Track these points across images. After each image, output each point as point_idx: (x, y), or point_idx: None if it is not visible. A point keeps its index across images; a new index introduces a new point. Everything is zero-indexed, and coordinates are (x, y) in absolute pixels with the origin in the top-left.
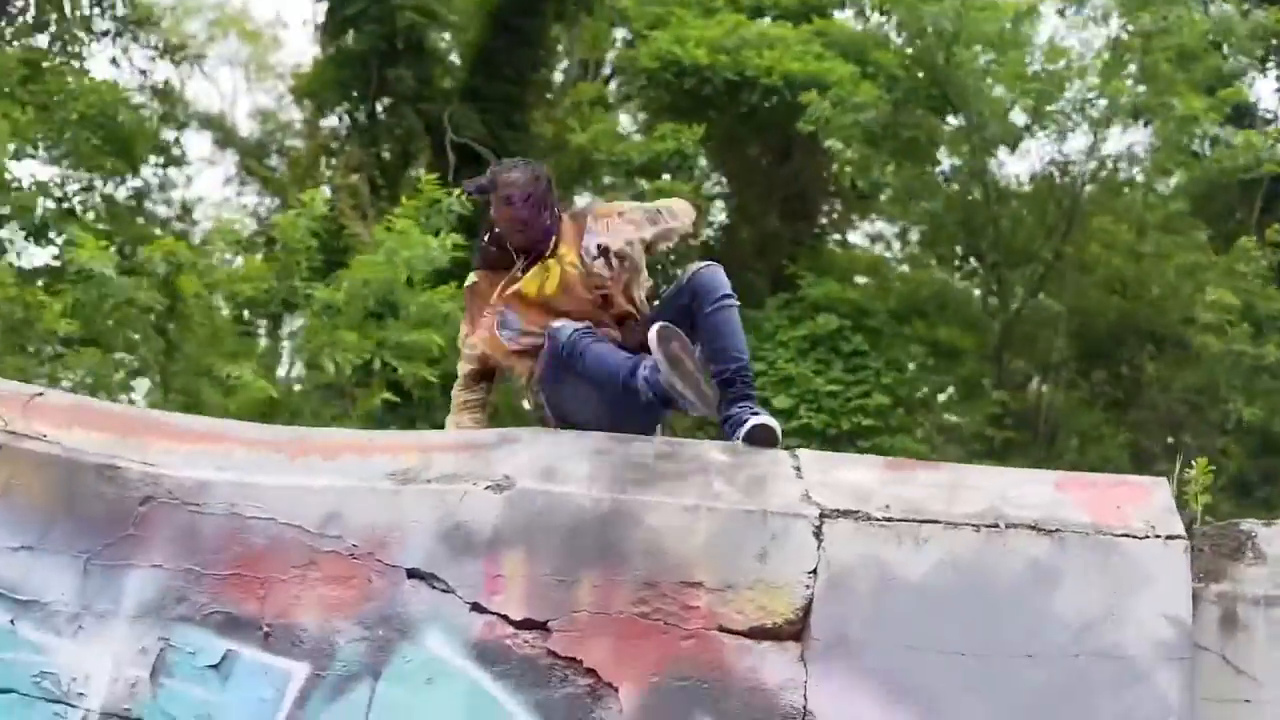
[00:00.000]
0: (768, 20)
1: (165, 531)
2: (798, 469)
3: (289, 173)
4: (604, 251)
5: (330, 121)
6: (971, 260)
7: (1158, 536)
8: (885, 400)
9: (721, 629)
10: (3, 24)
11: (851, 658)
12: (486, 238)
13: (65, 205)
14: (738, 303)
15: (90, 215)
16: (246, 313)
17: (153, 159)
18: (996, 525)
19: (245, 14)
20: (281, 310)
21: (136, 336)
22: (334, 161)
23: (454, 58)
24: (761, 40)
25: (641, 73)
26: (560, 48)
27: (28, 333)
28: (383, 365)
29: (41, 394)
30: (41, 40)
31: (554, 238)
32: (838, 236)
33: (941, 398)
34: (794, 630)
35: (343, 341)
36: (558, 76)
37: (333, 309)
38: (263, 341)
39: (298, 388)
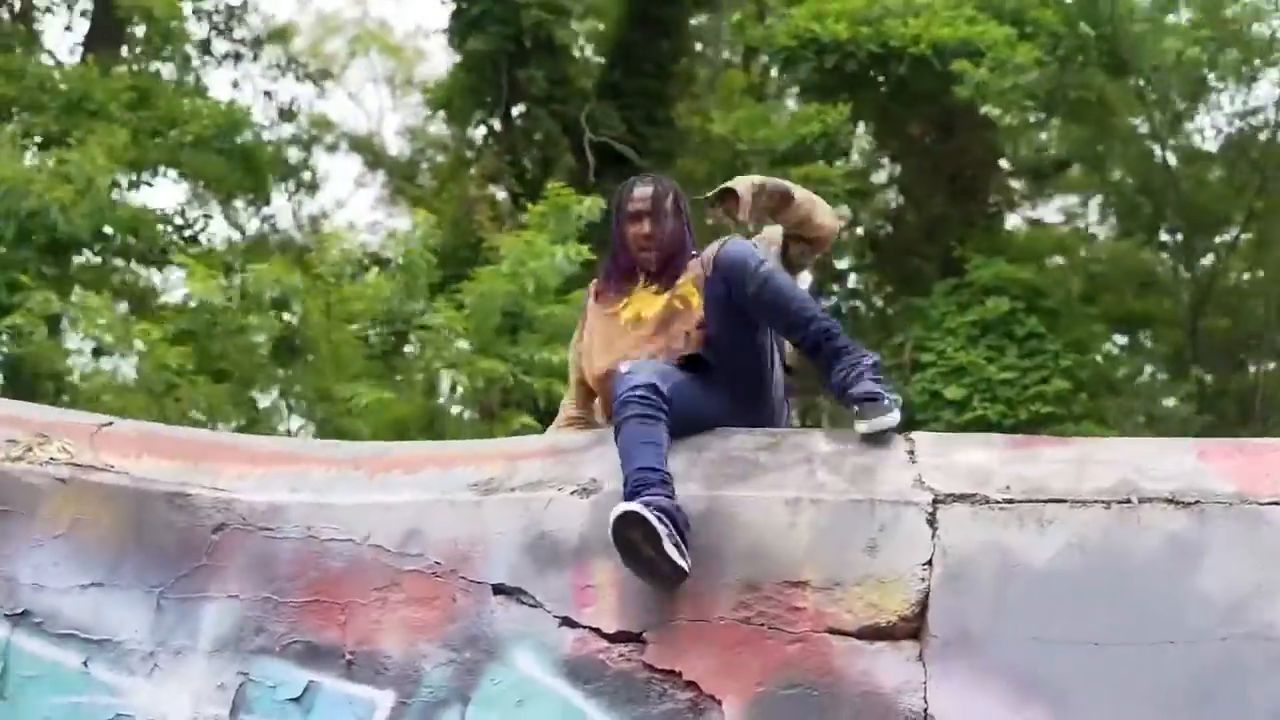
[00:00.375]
0: None
1: (240, 559)
2: (911, 453)
3: (430, 189)
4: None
5: (469, 131)
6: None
7: None
8: (1066, 385)
9: (830, 630)
10: (122, 50)
11: (974, 654)
12: (613, 259)
13: (188, 233)
14: (771, 268)
15: (219, 242)
16: (375, 334)
17: (286, 184)
18: (1129, 500)
19: (385, 28)
20: (407, 330)
21: (272, 365)
22: (472, 172)
23: (589, 54)
24: (906, 8)
25: (780, 53)
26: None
27: (144, 368)
28: (515, 381)
29: (110, 423)
30: (161, 67)
31: (683, 266)
32: (1020, 215)
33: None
34: (910, 628)
35: (464, 359)
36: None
37: (453, 330)
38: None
39: (456, 409)
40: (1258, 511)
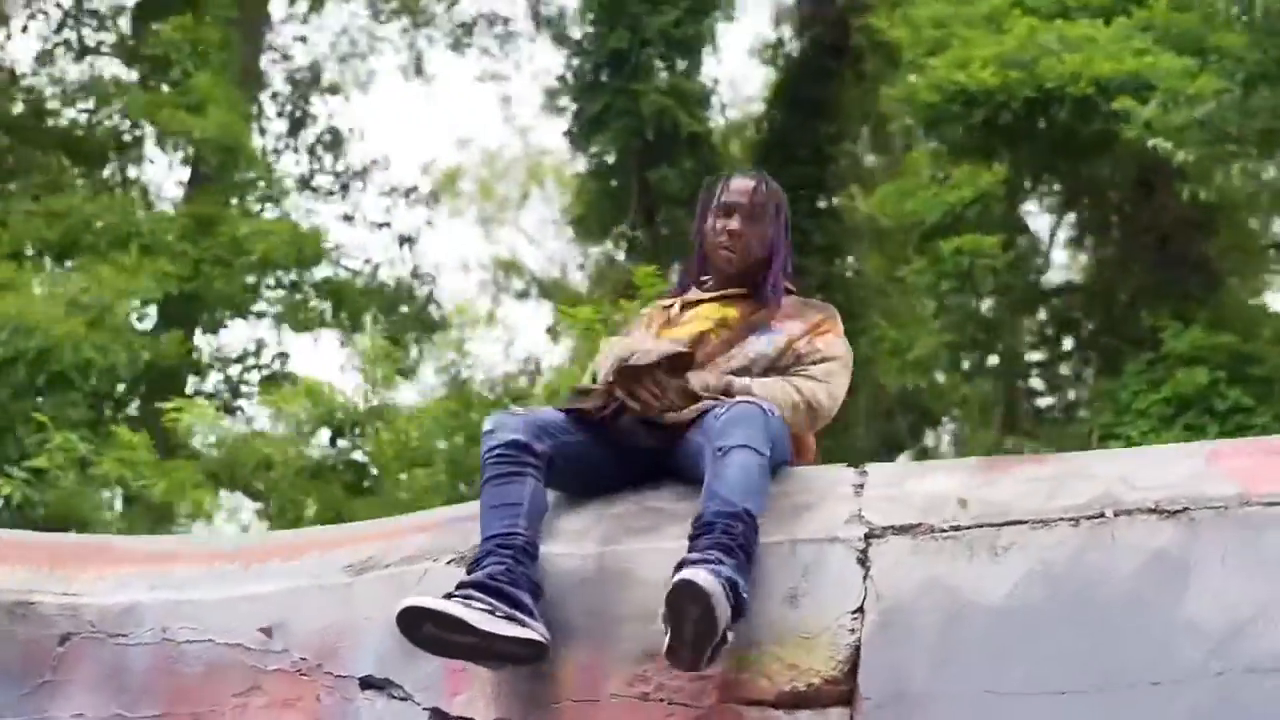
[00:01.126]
0: (1076, 21)
1: (88, 671)
2: (859, 486)
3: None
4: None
5: (606, 246)
6: None
7: None
8: None
9: (743, 701)
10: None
11: (915, 717)
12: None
13: (263, 370)
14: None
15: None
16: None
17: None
18: (1102, 515)
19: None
20: None
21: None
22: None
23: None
24: (1065, 45)
25: (924, 111)
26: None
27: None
28: None
29: None
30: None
31: (766, 288)
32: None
33: None
34: (838, 691)
35: None
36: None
37: None
38: None
39: None
40: (1263, 514)
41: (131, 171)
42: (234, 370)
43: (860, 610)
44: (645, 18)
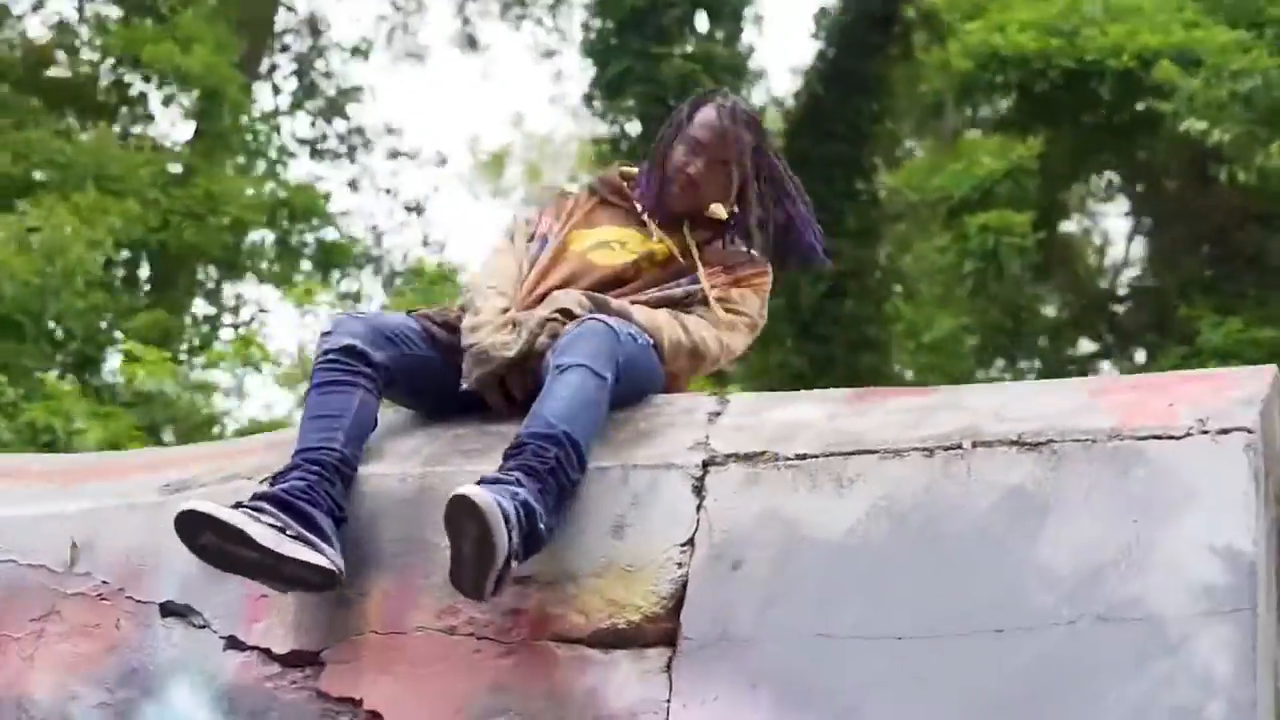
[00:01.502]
0: None
1: None
2: (715, 414)
3: None
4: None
5: None
6: None
7: (1205, 433)
8: None
9: (556, 638)
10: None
11: (738, 659)
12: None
13: (238, 328)
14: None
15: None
16: None
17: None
18: (959, 446)
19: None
20: None
21: None
22: None
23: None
24: (1110, 13)
25: (958, 79)
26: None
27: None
28: None
29: None
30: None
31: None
32: None
33: None
34: (660, 630)
35: None
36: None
37: None
38: None
39: None
40: (1133, 449)
41: (139, 129)
42: (205, 328)
43: (690, 543)
44: None
